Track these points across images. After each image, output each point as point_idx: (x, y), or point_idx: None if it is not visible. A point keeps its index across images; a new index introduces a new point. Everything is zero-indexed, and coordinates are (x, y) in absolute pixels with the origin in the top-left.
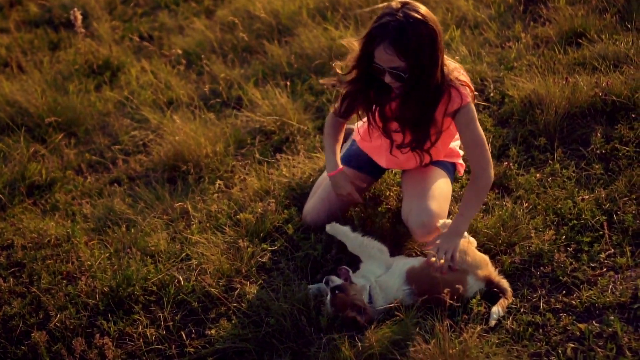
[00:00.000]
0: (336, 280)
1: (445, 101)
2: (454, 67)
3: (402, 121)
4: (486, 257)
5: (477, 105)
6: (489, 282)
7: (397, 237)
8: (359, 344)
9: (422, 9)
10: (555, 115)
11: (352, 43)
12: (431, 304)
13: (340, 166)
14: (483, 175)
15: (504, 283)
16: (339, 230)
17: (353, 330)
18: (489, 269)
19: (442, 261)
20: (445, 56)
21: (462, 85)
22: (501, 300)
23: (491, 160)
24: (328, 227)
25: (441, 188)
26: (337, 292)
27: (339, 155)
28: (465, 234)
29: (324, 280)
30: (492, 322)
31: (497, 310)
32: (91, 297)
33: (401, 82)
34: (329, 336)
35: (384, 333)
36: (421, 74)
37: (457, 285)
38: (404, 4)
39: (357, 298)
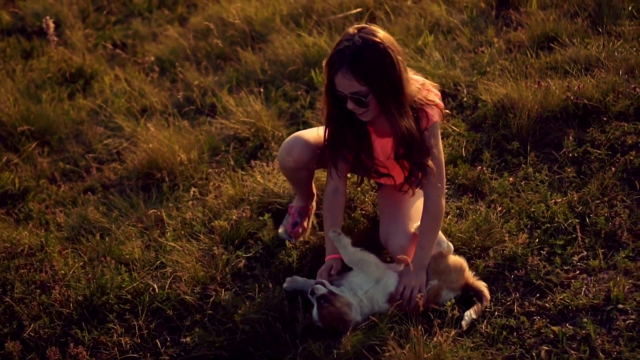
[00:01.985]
0: (321, 289)
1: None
2: (422, 85)
3: (404, 154)
4: (463, 264)
5: (448, 115)
6: (466, 287)
7: (374, 243)
8: (334, 350)
9: (380, 32)
10: (527, 119)
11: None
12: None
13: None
14: (436, 202)
15: (480, 284)
16: (342, 241)
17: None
18: (464, 276)
19: (414, 299)
20: (412, 75)
21: (429, 104)
22: (475, 305)
23: (445, 187)
24: (332, 234)
25: (418, 207)
26: (323, 302)
27: None
28: (450, 243)
29: (309, 291)
30: (464, 324)
31: (469, 313)
32: (65, 306)
33: (364, 108)
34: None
35: (358, 338)
36: (385, 95)
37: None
38: (360, 29)
39: (344, 311)
